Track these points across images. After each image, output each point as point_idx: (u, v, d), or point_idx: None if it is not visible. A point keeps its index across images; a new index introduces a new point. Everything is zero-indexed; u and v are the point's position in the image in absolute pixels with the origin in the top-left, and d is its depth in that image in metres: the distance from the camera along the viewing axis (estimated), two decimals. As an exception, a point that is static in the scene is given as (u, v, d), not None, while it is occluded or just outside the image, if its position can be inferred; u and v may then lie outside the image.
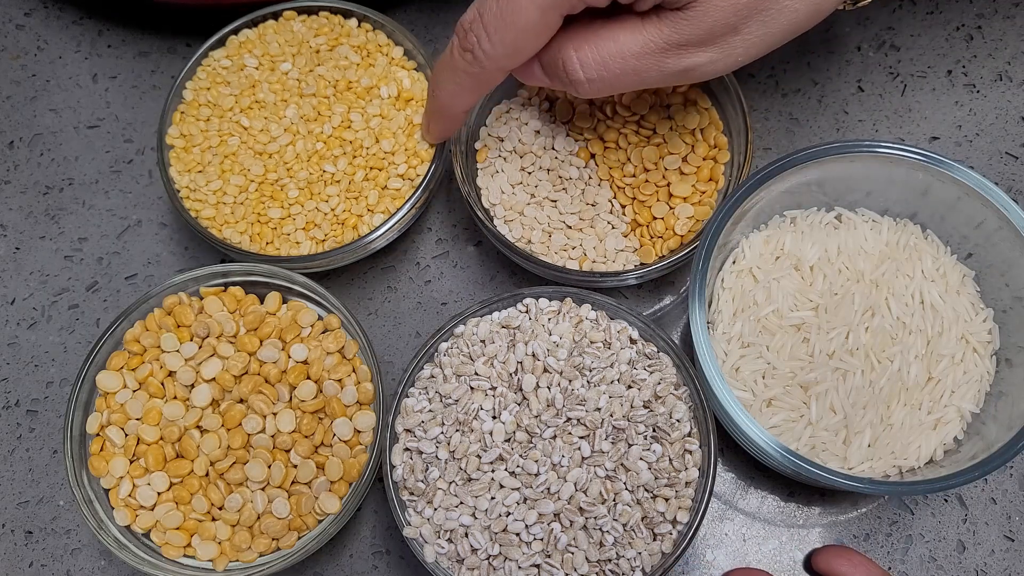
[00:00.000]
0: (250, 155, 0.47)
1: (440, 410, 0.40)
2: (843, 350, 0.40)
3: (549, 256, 0.45)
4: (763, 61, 0.53)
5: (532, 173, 0.46)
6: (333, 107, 0.48)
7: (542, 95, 0.48)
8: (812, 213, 0.44)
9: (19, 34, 0.57)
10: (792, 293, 0.42)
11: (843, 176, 0.42)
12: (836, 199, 0.44)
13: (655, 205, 0.45)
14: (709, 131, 0.46)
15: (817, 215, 0.44)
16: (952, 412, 0.40)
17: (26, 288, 0.51)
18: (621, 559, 0.38)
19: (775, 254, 0.43)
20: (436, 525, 0.39)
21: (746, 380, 0.41)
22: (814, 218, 0.44)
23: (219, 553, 0.40)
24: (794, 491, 0.44)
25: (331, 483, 0.41)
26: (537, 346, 0.40)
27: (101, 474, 0.41)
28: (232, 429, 0.41)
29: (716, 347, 0.41)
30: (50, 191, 0.53)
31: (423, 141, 0.47)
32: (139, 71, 0.56)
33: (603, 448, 0.38)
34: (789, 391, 0.40)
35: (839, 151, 0.41)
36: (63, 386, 0.48)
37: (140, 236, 0.51)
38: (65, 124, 0.55)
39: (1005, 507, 0.43)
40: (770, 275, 0.42)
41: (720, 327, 0.42)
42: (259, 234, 0.46)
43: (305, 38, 0.50)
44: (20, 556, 0.45)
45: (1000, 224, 0.40)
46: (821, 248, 0.43)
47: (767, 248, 0.43)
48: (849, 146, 0.41)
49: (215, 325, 0.43)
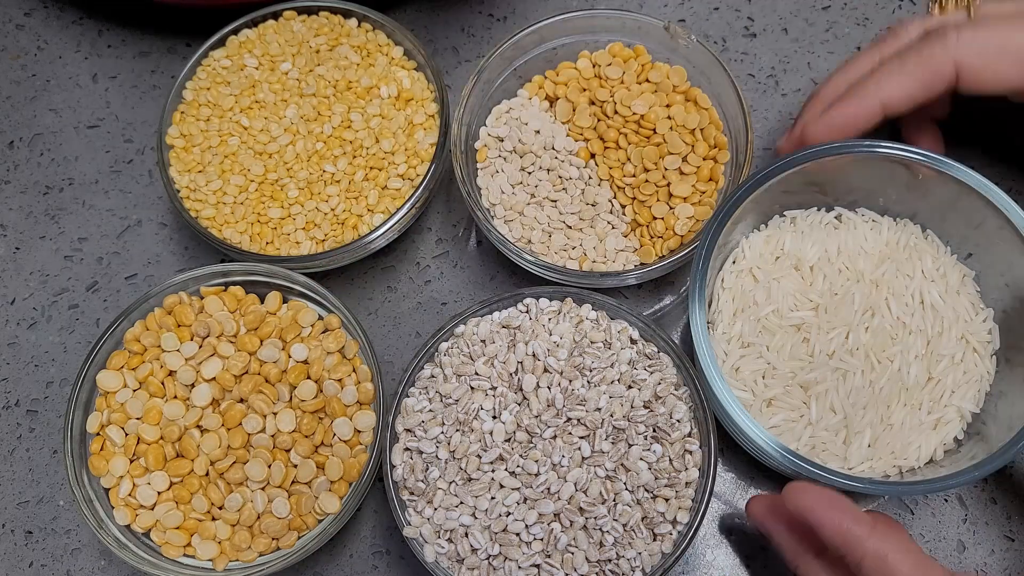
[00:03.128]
0: (250, 155, 0.47)
1: (440, 410, 0.40)
2: (843, 350, 0.40)
3: (549, 256, 0.45)
4: (763, 61, 0.53)
5: (532, 173, 0.46)
6: (333, 107, 0.48)
7: (542, 95, 0.48)
8: (812, 213, 0.44)
9: (19, 34, 0.57)
10: (792, 293, 0.42)
11: (843, 176, 0.42)
12: (836, 199, 0.44)
13: (655, 205, 0.45)
14: (709, 131, 0.46)
15: (817, 215, 0.44)
16: (952, 412, 0.40)
17: (26, 288, 0.51)
18: (621, 559, 0.38)
19: (775, 254, 0.43)
20: (436, 525, 0.39)
21: (746, 380, 0.41)
22: (814, 218, 0.44)
23: (219, 553, 0.40)
24: (794, 491, 0.44)
25: (331, 483, 0.41)
26: (537, 346, 0.40)
27: (101, 474, 0.41)
28: (232, 429, 0.41)
29: (716, 347, 0.41)
30: (50, 191, 0.53)
31: (422, 142, 0.47)
32: (139, 71, 0.56)
33: (603, 448, 0.38)
34: (789, 391, 0.40)
35: (839, 151, 0.41)
36: (63, 386, 0.48)
37: (140, 236, 0.51)
38: (65, 124, 0.55)
39: (1005, 507, 0.43)
40: (770, 275, 0.42)
41: (720, 327, 0.42)
42: (259, 234, 0.46)
43: (305, 38, 0.50)
44: (20, 556, 0.45)
45: (1000, 224, 0.40)
46: (821, 248, 0.43)
47: (767, 248, 0.43)
48: (849, 146, 0.41)
49: (215, 325, 0.43)
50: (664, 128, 0.45)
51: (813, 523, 0.35)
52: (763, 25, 0.54)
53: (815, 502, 0.35)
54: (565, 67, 0.48)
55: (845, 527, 0.34)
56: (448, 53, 0.55)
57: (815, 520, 0.34)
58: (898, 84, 0.40)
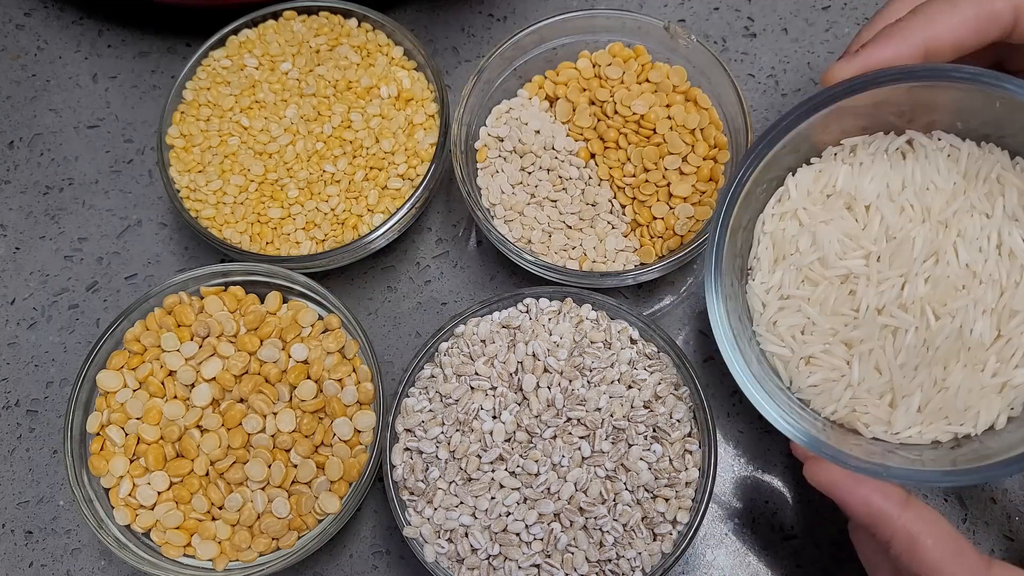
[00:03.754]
0: (250, 155, 0.47)
1: (440, 410, 0.40)
2: (895, 304, 0.35)
3: (549, 256, 0.45)
4: (763, 61, 0.53)
5: (532, 173, 0.46)
6: (333, 107, 0.48)
7: (542, 95, 0.48)
8: (878, 139, 0.37)
9: (19, 34, 0.57)
10: (840, 238, 0.36)
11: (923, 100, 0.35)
12: (911, 121, 0.37)
13: (655, 205, 0.45)
14: (709, 131, 0.46)
15: (884, 141, 0.37)
16: (1022, 375, 0.34)
17: (26, 288, 0.51)
18: (621, 559, 0.38)
19: (826, 192, 0.37)
20: (436, 525, 0.39)
21: (783, 335, 0.37)
22: (879, 144, 0.37)
23: (219, 553, 0.40)
24: (795, 491, 0.44)
25: (331, 483, 0.41)
26: (537, 346, 0.40)
27: (101, 473, 0.41)
28: (232, 429, 0.41)
29: (753, 299, 0.38)
30: (50, 191, 0.53)
31: (422, 142, 0.47)
32: (139, 71, 0.56)
33: (603, 448, 0.38)
34: (830, 349, 0.36)
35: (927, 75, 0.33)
36: (63, 386, 0.48)
37: (140, 236, 0.51)
38: (65, 124, 0.55)
39: (1005, 507, 0.43)
40: (817, 217, 0.37)
41: (759, 276, 0.38)
42: (259, 234, 0.46)
43: (305, 38, 0.50)
44: (20, 556, 0.45)
45: None
46: (882, 183, 0.36)
47: (817, 185, 0.37)
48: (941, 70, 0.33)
49: (215, 325, 0.43)
50: (664, 128, 0.45)
51: (838, 500, 0.32)
52: (763, 25, 0.54)
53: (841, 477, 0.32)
54: (565, 67, 0.48)
55: (875, 505, 0.31)
56: (448, 53, 0.55)
57: (840, 497, 0.32)
58: (946, 25, 0.34)
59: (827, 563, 0.43)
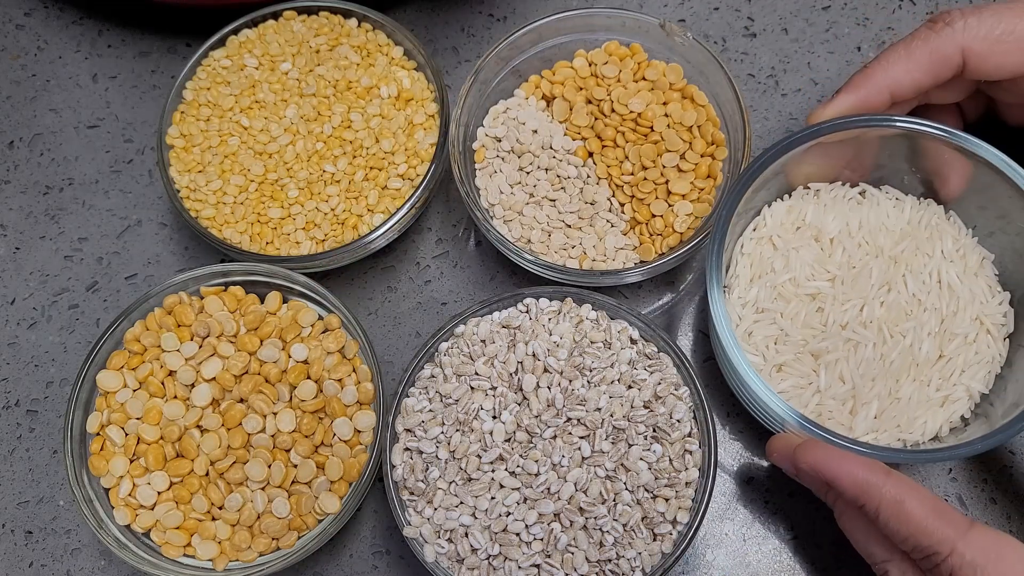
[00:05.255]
0: (250, 155, 0.47)
1: (440, 410, 0.40)
2: (856, 322, 0.40)
3: (549, 255, 0.45)
4: (763, 61, 0.53)
5: (530, 172, 0.46)
6: (333, 107, 0.48)
7: (539, 94, 0.48)
8: (836, 187, 0.44)
9: (19, 34, 0.57)
10: (810, 263, 0.42)
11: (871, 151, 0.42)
12: (862, 175, 0.44)
13: (654, 203, 0.45)
14: (706, 128, 0.46)
15: (841, 189, 0.44)
16: (961, 391, 0.40)
17: (26, 288, 0.51)
18: (621, 559, 0.38)
19: (796, 224, 0.43)
20: (436, 525, 0.39)
21: (758, 344, 0.41)
22: (838, 192, 0.44)
23: (219, 553, 0.40)
24: (795, 491, 0.44)
25: (331, 483, 0.41)
26: (537, 346, 0.40)
27: (101, 473, 0.41)
28: (232, 429, 0.41)
29: (731, 311, 0.41)
30: (50, 191, 0.53)
31: (422, 142, 0.47)
32: (139, 71, 0.56)
33: (603, 448, 0.38)
34: (800, 358, 0.40)
35: (867, 124, 0.40)
36: (63, 386, 0.48)
37: (140, 236, 0.52)
38: (65, 124, 0.55)
39: (1005, 507, 0.43)
40: (789, 244, 0.42)
41: (736, 291, 0.42)
42: (259, 234, 0.46)
43: (305, 38, 0.50)
44: (20, 556, 0.45)
45: (1022, 205, 0.39)
46: (842, 221, 0.42)
47: (788, 218, 0.43)
48: (879, 120, 0.40)
49: (215, 325, 0.43)
50: (661, 126, 0.45)
51: (828, 477, 0.35)
52: (763, 25, 0.54)
53: (827, 456, 0.35)
54: (561, 66, 0.48)
55: (861, 476, 0.34)
56: (448, 53, 0.55)
57: (829, 474, 0.35)
58: (904, 70, 0.40)
59: (827, 563, 0.43)
